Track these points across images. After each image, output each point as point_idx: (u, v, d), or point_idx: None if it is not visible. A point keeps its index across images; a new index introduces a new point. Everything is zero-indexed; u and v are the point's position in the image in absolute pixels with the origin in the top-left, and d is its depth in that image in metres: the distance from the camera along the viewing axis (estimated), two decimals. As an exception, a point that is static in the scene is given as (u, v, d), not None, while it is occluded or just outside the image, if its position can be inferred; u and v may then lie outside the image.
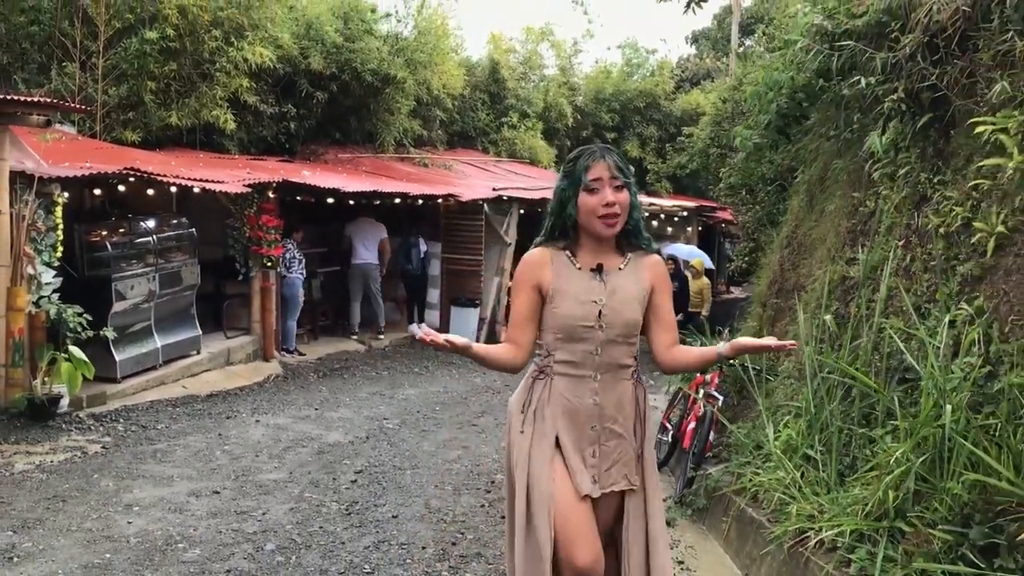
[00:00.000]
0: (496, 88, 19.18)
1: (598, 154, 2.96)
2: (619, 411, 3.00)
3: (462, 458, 7.17)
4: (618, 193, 2.92)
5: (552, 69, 21.52)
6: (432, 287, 14.24)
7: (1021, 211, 4.19)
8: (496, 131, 18.97)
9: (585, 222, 2.95)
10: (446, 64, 16.12)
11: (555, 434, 2.96)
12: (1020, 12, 4.35)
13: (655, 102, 21.47)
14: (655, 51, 27.15)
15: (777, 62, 7.23)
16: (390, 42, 14.84)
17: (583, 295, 2.95)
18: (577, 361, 2.97)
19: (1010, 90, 4.34)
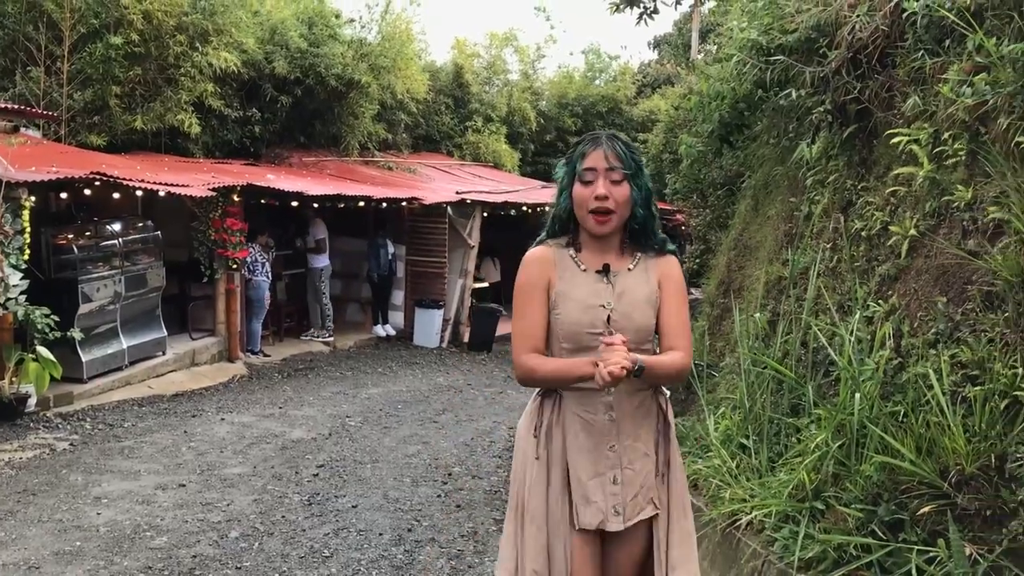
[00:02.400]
0: (460, 92, 19.45)
1: (598, 141, 2.67)
2: (639, 426, 2.69)
3: (421, 453, 7.44)
4: (615, 186, 2.62)
5: (516, 74, 21.86)
6: (396, 289, 14.49)
7: (931, 216, 4.56)
8: (460, 135, 19.25)
9: (579, 217, 2.69)
10: (410, 69, 16.36)
11: (566, 458, 2.69)
12: (930, 32, 4.71)
13: (617, 107, 21.86)
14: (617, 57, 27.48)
15: (721, 73, 7.58)
16: (354, 47, 15.05)
17: (589, 299, 2.67)
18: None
19: (922, 104, 4.70)
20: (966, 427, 3.84)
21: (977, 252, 4.11)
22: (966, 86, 4.26)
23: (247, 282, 11.72)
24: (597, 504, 2.62)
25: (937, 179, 4.48)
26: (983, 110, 4.20)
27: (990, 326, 3.94)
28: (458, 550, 5.13)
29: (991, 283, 3.99)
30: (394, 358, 12.75)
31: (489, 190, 15.63)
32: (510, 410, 9.64)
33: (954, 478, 3.86)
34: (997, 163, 4.09)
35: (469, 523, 5.63)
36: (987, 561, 3.68)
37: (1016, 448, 3.67)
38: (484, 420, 8.98)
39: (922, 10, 4.62)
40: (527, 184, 18.23)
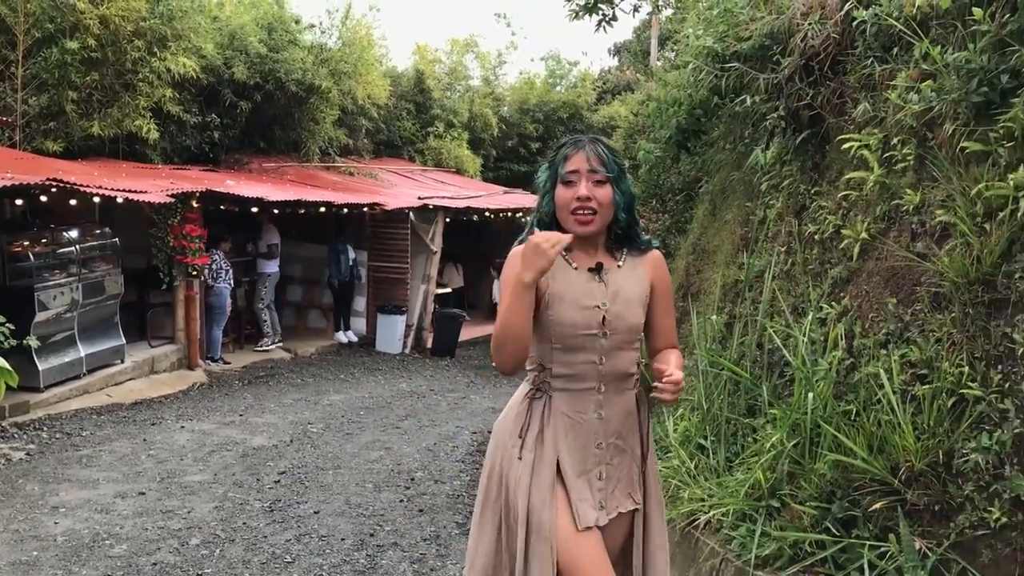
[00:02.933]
0: (422, 98, 19.47)
1: (581, 144, 2.66)
2: (623, 424, 2.71)
3: (384, 458, 7.45)
4: (597, 188, 2.60)
5: (477, 80, 21.92)
6: (358, 295, 14.46)
7: (881, 219, 4.67)
8: (422, 140, 19.25)
9: (561, 218, 2.66)
10: (371, 74, 16.35)
11: (556, 458, 2.65)
12: (879, 40, 4.84)
13: (578, 113, 21.99)
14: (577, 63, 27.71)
15: (679, 79, 7.69)
16: (314, 52, 15.02)
17: (584, 299, 2.63)
18: (578, 374, 2.64)
19: (872, 110, 4.82)
20: (915, 425, 3.94)
21: (925, 254, 4.23)
22: (913, 93, 4.38)
23: (209, 289, 11.63)
24: (588, 501, 2.65)
25: (887, 183, 4.59)
26: (930, 116, 4.33)
27: (938, 326, 4.05)
28: (421, 554, 5.15)
29: (939, 284, 4.10)
30: (356, 364, 12.72)
31: (451, 195, 15.65)
32: (473, 415, 9.68)
33: (904, 475, 3.96)
34: (943, 167, 4.21)
35: (432, 527, 5.65)
36: (936, 555, 3.78)
37: (963, 444, 3.78)
38: (447, 425, 9.00)
39: (871, 19, 4.74)
40: (489, 189, 18.28)
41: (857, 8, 4.88)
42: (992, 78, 4.04)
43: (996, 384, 3.75)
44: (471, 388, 11.54)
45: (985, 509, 3.65)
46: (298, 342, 13.75)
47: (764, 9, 5.81)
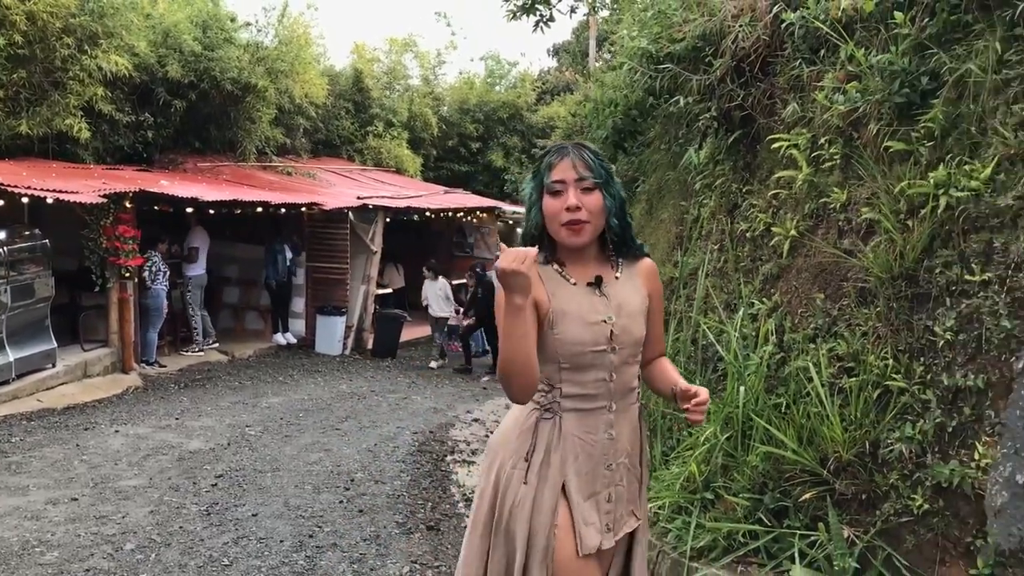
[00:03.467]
0: (360, 97, 19.35)
1: (565, 151, 2.53)
2: (630, 441, 2.62)
3: (323, 460, 7.40)
4: (586, 196, 2.47)
5: (416, 79, 21.88)
6: (297, 296, 14.32)
7: (809, 217, 4.80)
8: (361, 140, 19.15)
9: (551, 231, 2.52)
10: (308, 73, 16.21)
11: (561, 482, 2.53)
12: (807, 43, 4.96)
13: (518, 113, 22.08)
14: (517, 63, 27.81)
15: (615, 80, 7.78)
16: (250, 51, 14.83)
17: (589, 314, 2.50)
18: (590, 393, 2.51)
19: (800, 111, 4.95)
20: (843, 416, 4.06)
21: (852, 251, 4.35)
22: (839, 94, 4.51)
23: (146, 291, 11.42)
24: (595, 525, 2.53)
25: (815, 182, 4.72)
26: (855, 116, 4.46)
27: (863, 320, 4.18)
28: (360, 554, 5.13)
29: (864, 280, 4.23)
30: (295, 366, 12.61)
31: (391, 195, 15.60)
32: (414, 415, 9.66)
33: (832, 465, 4.08)
34: (868, 166, 4.34)
35: (371, 527, 5.64)
36: (863, 542, 3.90)
37: (887, 435, 3.90)
38: (388, 426, 8.97)
39: (799, 21, 4.86)
40: (430, 189, 18.26)
41: (785, 11, 5.01)
42: (913, 80, 4.18)
43: (919, 376, 3.88)
44: (412, 389, 11.51)
45: (909, 497, 3.78)
46: (235, 344, 13.57)
47: (696, 11, 5.91)
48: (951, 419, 3.73)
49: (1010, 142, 3.73)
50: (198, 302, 12.80)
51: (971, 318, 3.73)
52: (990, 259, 3.74)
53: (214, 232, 13.20)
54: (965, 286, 3.78)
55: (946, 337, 3.77)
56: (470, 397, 11.22)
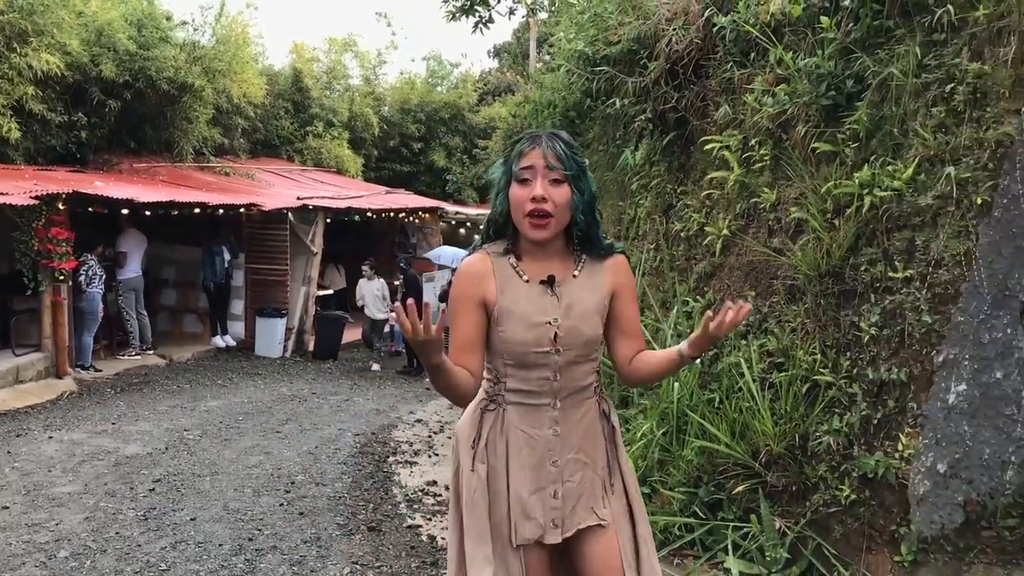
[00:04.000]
0: (300, 97, 19.19)
1: (538, 139, 2.44)
2: (584, 438, 2.54)
3: (263, 463, 7.34)
4: (553, 188, 2.39)
5: (357, 79, 21.77)
6: (236, 298, 14.14)
7: (741, 217, 4.91)
8: (301, 140, 18.99)
9: (515, 219, 2.45)
10: (246, 72, 16.03)
11: (506, 471, 2.52)
12: (738, 46, 5.08)
13: (459, 114, 22.09)
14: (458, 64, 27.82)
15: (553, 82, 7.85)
16: (187, 50, 14.62)
17: (534, 315, 2.45)
18: (532, 390, 2.49)
19: (732, 113, 5.06)
20: (774, 411, 4.17)
21: (781, 249, 4.47)
22: (768, 96, 4.63)
23: (80, 294, 11.18)
24: (536, 520, 2.49)
25: (746, 182, 4.84)
26: (784, 118, 4.59)
27: (793, 317, 4.30)
28: (300, 556, 5.11)
29: (793, 277, 4.35)
30: (235, 369, 12.45)
31: (332, 195, 15.49)
32: (356, 417, 9.62)
33: (764, 458, 4.19)
34: (797, 167, 4.46)
35: (312, 529, 5.62)
36: (793, 532, 4.02)
37: (816, 428, 4.03)
38: (329, 428, 8.92)
39: (730, 25, 4.98)
40: (371, 189, 18.18)
41: (717, 15, 5.12)
42: (839, 83, 4.32)
43: (845, 370, 4.01)
44: (354, 390, 11.45)
45: (837, 487, 3.91)
46: (173, 348, 13.35)
47: (631, 15, 6.01)
48: (876, 412, 3.86)
49: (929, 143, 3.88)
50: (133, 305, 12.56)
51: (894, 314, 3.87)
52: (912, 256, 3.89)
53: (151, 234, 12.97)
54: (888, 283, 3.92)
55: (871, 332, 3.90)
56: (413, 398, 11.20)
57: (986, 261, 3.74)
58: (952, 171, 3.73)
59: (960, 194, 3.74)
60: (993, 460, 3.91)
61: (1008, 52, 3.71)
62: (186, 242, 14.08)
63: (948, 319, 3.71)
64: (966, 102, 3.81)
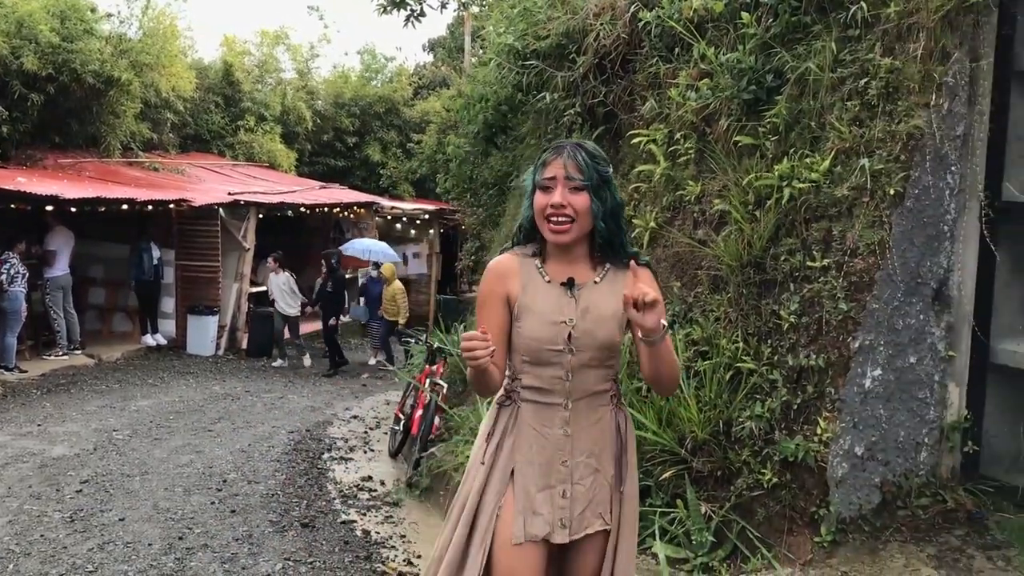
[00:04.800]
0: (231, 91, 18.89)
1: (561, 149, 2.55)
2: (595, 443, 2.60)
3: (195, 462, 7.24)
4: (573, 195, 2.49)
5: (290, 73, 21.48)
6: (166, 295, 13.89)
7: (667, 209, 5.00)
8: (232, 134, 18.69)
9: (538, 224, 2.56)
10: (175, 66, 15.71)
11: (512, 467, 2.59)
12: (663, 41, 5.16)
13: (395, 108, 21.94)
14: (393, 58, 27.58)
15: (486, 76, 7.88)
16: (113, 43, 14.27)
17: (551, 314, 2.54)
18: (545, 387, 2.57)
19: (658, 107, 5.15)
20: (699, 398, 4.26)
21: (705, 241, 4.57)
22: (692, 91, 4.72)
23: (2, 294, 10.85)
24: (544, 516, 2.54)
25: (672, 175, 4.92)
26: (707, 112, 4.68)
27: (716, 306, 4.40)
28: (232, 553, 5.07)
29: (717, 268, 4.45)
30: (166, 368, 12.24)
31: (264, 191, 15.30)
32: (291, 414, 9.55)
33: (690, 444, 4.28)
34: (720, 160, 4.56)
35: (244, 527, 5.57)
36: (718, 516, 4.11)
37: (739, 414, 4.13)
38: (263, 426, 8.83)
39: (655, 20, 5.06)
40: (305, 184, 17.99)
41: (642, 10, 5.19)
42: (759, 77, 4.42)
43: (766, 357, 4.12)
44: (289, 388, 11.36)
45: (759, 472, 4.02)
46: (102, 347, 13.07)
47: (560, 9, 6.06)
48: (796, 397, 3.98)
49: (845, 136, 4.00)
50: (60, 304, 12.25)
51: (812, 302, 3.98)
52: (829, 246, 4.01)
53: (78, 231, 12.66)
54: (807, 272, 4.04)
55: (790, 320, 4.02)
56: (349, 395, 11.15)
57: (899, 250, 3.87)
58: (866, 163, 3.85)
59: (874, 185, 3.86)
60: (908, 442, 4.06)
61: (917, 48, 3.85)
62: (114, 239, 13.78)
63: (863, 306, 3.84)
64: (879, 96, 3.94)
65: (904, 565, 3.72)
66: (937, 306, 4.04)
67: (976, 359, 4.15)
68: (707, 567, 4.00)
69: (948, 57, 3.90)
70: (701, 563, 3.99)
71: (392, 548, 5.41)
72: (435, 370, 7.62)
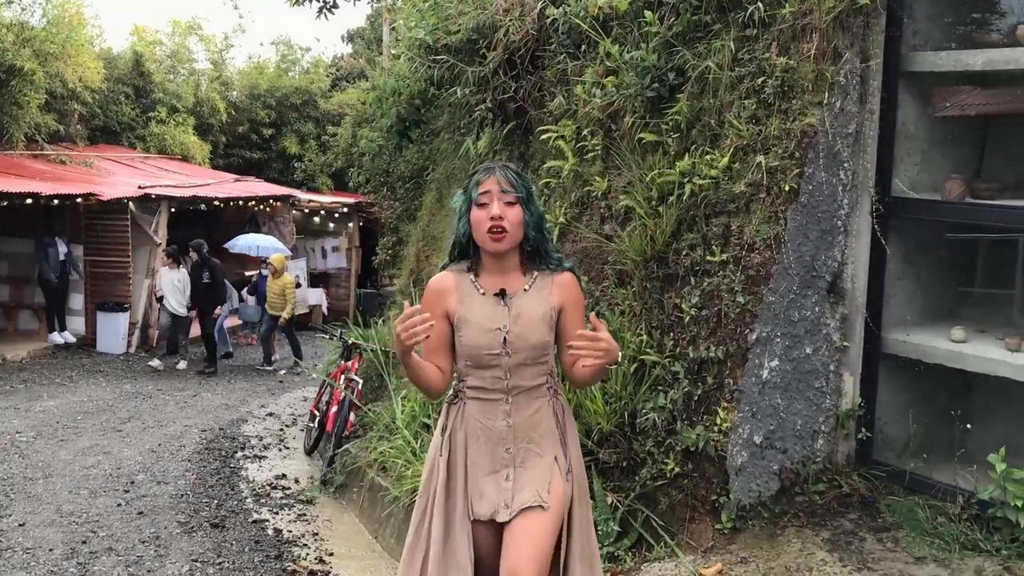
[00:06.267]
0: (142, 82, 18.40)
1: (492, 170, 2.85)
2: (534, 430, 2.88)
3: (102, 463, 7.07)
4: (508, 208, 2.76)
5: (203, 64, 21.02)
6: (75, 292, 13.49)
7: (576, 205, 5.06)
8: (143, 126, 18.21)
9: (477, 238, 2.82)
10: (82, 56, 15.25)
11: (465, 458, 2.87)
12: (571, 38, 5.21)
13: (312, 99, 21.62)
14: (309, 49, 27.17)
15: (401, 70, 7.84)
16: (15, 31, 13.79)
17: (487, 323, 2.82)
18: (487, 387, 2.86)
19: (566, 103, 5.19)
20: (605, 391, 4.33)
21: (611, 236, 4.64)
22: (598, 88, 4.77)
23: None
24: (489, 499, 2.83)
25: (580, 172, 4.98)
26: (612, 109, 4.74)
27: (622, 300, 4.48)
28: (137, 556, 4.97)
29: (622, 262, 4.52)
30: (74, 367, 11.90)
31: (176, 184, 14.96)
32: (204, 413, 9.39)
33: (596, 436, 4.35)
34: (625, 157, 4.63)
35: (151, 528, 5.47)
36: (624, 506, 4.19)
37: (643, 405, 4.21)
38: (174, 425, 8.67)
39: (562, 17, 5.10)
40: (219, 177, 17.64)
41: (550, 6, 5.23)
42: (662, 75, 4.50)
43: (669, 349, 4.21)
44: (203, 386, 11.16)
45: (662, 461, 4.11)
46: (6, 346, 12.63)
47: (471, 4, 6.06)
48: (697, 388, 4.08)
49: (743, 133, 4.10)
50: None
51: (712, 295, 4.08)
52: (728, 241, 4.11)
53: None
54: (707, 266, 4.13)
55: (691, 313, 4.11)
56: (265, 392, 11.01)
57: (794, 244, 3.99)
58: (763, 160, 3.96)
59: (770, 181, 3.97)
60: (805, 430, 4.19)
61: (811, 48, 3.97)
62: (19, 234, 13.32)
63: (760, 299, 3.95)
64: (775, 94, 4.05)
65: (800, 549, 3.85)
66: (831, 298, 4.17)
67: (869, 349, 4.31)
68: (613, 556, 4.07)
69: (840, 57, 4.02)
70: (607, 552, 4.06)
71: (304, 546, 5.38)
72: (350, 366, 7.58)
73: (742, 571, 3.78)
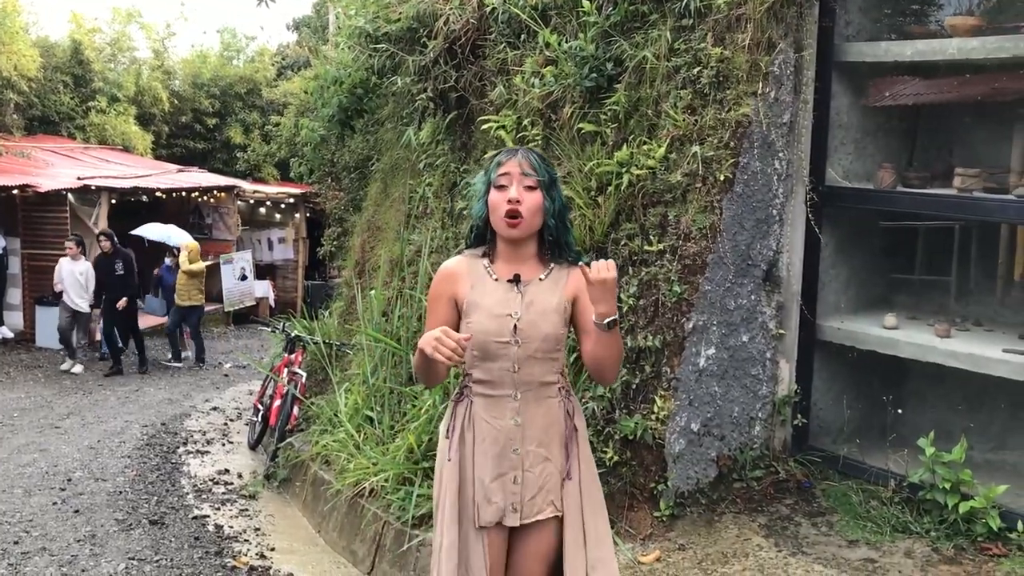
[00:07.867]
0: (80, 70, 17.97)
1: (515, 152, 2.75)
2: (545, 432, 2.73)
3: (38, 461, 6.92)
4: (527, 192, 2.63)
5: (145, 52, 20.58)
6: (12, 286, 13.17)
7: (518, 194, 5.04)
8: (83, 116, 17.80)
9: (493, 222, 2.69)
10: (17, 43, 14.86)
11: (472, 459, 2.73)
12: (511, 27, 5.19)
13: (256, 88, 21.31)
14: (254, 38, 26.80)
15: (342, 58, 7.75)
16: (-55, 19, 13.41)
17: (497, 308, 2.68)
18: (494, 380, 2.71)
19: (506, 93, 5.17)
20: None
21: (551, 226, 4.63)
22: (537, 78, 4.76)
23: None
24: (496, 504, 2.69)
25: (520, 161, 4.96)
26: (552, 99, 4.74)
27: (561, 290, 4.47)
28: (72, 556, 4.86)
29: (561, 253, 4.52)
30: (12, 363, 11.61)
31: (118, 175, 14.65)
32: (146, 408, 9.22)
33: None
34: (564, 147, 4.64)
35: (87, 527, 5.35)
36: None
37: (583, 395, 4.21)
38: (115, 421, 8.50)
39: (501, 6, 5.08)
40: (161, 168, 17.31)
41: (490, -5, 5.20)
42: (600, 65, 4.50)
43: (608, 339, 4.22)
44: (145, 380, 10.96)
45: (602, 450, 4.12)
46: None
47: (411, -8, 6.01)
48: (635, 377, 4.10)
49: (679, 124, 4.13)
50: None
51: (650, 285, 4.11)
52: (665, 231, 4.13)
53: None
54: (645, 255, 4.15)
55: (629, 303, 4.13)
56: (210, 386, 10.85)
57: (730, 233, 4.03)
58: (698, 150, 3.99)
59: (706, 171, 4.00)
60: (742, 417, 4.24)
61: (745, 38, 4.00)
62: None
63: (697, 288, 3.98)
64: (710, 85, 4.08)
65: (737, 535, 3.89)
66: (767, 286, 4.22)
67: (804, 336, 4.37)
68: (554, 546, 4.08)
69: (774, 47, 4.06)
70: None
71: (245, 542, 5.31)
72: (294, 359, 7.49)
73: (680, 558, 3.81)
